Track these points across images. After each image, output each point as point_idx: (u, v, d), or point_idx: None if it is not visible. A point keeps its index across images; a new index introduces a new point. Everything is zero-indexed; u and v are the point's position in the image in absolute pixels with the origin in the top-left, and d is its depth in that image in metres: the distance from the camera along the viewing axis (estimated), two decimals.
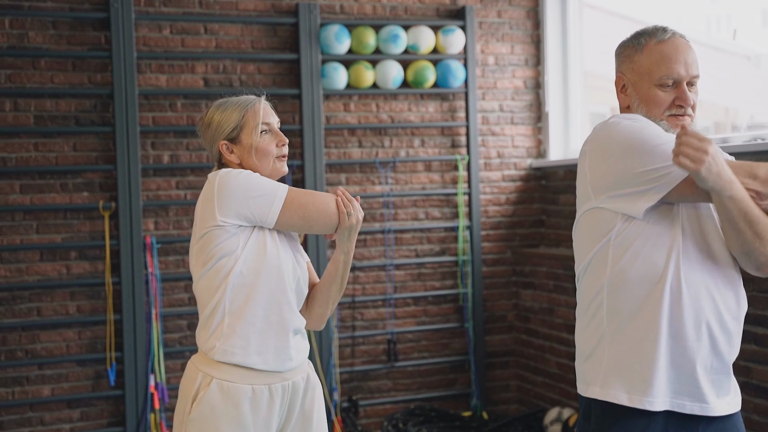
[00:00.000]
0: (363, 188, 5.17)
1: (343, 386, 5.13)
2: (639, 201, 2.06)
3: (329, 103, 5.09)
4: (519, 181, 5.47)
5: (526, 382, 5.42)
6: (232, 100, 2.60)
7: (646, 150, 2.06)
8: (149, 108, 4.77)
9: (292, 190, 2.48)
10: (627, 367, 2.10)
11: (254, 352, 2.45)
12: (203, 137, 2.62)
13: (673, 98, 2.20)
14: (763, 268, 2.12)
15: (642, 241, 2.08)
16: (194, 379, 2.47)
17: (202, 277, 2.48)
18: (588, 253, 2.17)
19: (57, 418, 4.63)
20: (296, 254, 2.58)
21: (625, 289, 2.10)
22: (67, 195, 4.64)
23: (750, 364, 3.73)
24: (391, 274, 5.22)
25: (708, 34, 6.44)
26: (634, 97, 2.25)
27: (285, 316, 2.50)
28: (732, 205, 2.01)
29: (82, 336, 4.68)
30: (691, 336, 2.08)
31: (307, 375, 2.62)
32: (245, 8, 4.93)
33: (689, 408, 2.10)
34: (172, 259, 4.79)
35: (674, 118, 2.21)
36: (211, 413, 2.42)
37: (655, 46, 2.23)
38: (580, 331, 2.24)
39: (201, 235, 2.46)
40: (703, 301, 2.09)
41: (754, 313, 3.70)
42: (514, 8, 5.44)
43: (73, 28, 4.64)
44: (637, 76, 2.24)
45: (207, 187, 2.48)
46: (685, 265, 2.08)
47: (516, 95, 5.46)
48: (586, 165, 2.17)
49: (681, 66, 2.20)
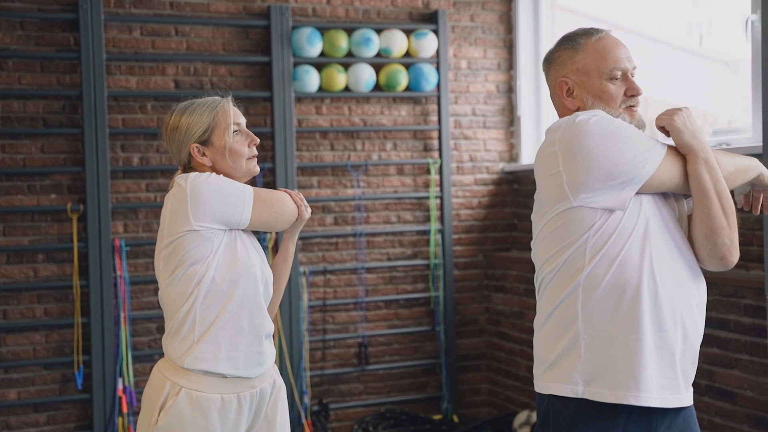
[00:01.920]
0: (335, 191, 5.16)
1: (314, 390, 5.12)
2: (622, 192, 2.08)
3: (301, 105, 5.09)
4: (491, 184, 5.48)
5: (496, 385, 5.43)
6: (198, 102, 2.57)
7: (622, 140, 2.09)
8: (119, 110, 4.75)
9: (256, 190, 2.50)
10: (610, 365, 2.08)
11: (225, 358, 2.44)
12: (169, 141, 2.58)
13: (624, 90, 2.25)
14: (726, 255, 2.14)
15: (616, 239, 2.09)
16: (161, 388, 2.44)
17: (171, 284, 2.45)
18: (558, 258, 2.15)
19: (23, 422, 4.60)
20: (262, 253, 2.60)
21: (602, 290, 2.09)
22: (34, 197, 4.62)
23: (712, 368, 3.75)
24: (362, 277, 5.22)
25: (689, 39, 6.49)
26: (585, 97, 2.26)
27: (256, 321, 2.50)
28: (706, 172, 2.11)
29: (49, 339, 4.65)
30: (670, 327, 2.10)
31: (273, 380, 2.61)
32: (216, 10, 4.92)
33: (673, 402, 2.10)
34: (141, 261, 4.77)
35: (629, 109, 2.26)
36: (179, 423, 2.40)
37: (595, 43, 2.26)
38: (546, 336, 2.20)
39: (171, 240, 2.43)
40: (675, 294, 2.11)
41: (716, 317, 3.72)
42: (486, 12, 5.46)
43: (41, 29, 4.62)
44: (584, 75, 2.26)
45: (177, 192, 2.44)
46: (657, 259, 2.10)
47: (488, 99, 5.48)
48: (560, 165, 2.14)
49: (625, 58, 2.26)
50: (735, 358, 3.66)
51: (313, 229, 5.11)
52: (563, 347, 2.13)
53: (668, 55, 6.04)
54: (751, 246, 3.67)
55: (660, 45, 6.00)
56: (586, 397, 2.09)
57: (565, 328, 2.13)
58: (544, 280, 2.21)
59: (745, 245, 3.68)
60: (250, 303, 2.48)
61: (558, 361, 2.14)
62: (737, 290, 3.64)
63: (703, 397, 3.81)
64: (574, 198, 2.11)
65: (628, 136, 2.11)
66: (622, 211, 2.10)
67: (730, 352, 3.68)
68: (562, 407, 2.13)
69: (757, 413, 3.55)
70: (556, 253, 2.15)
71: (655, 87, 6.90)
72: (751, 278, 3.58)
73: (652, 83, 6.77)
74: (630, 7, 5.79)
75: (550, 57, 2.35)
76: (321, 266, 5.12)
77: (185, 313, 2.43)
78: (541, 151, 2.23)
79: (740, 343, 3.63)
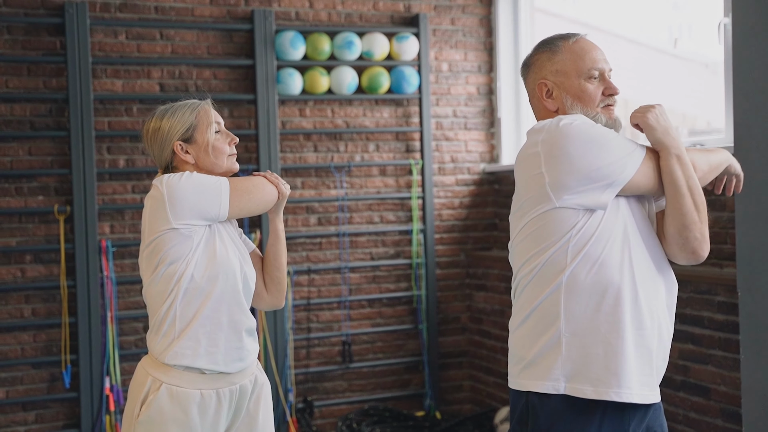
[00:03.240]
0: (318, 192, 5.24)
1: (299, 387, 5.19)
2: (603, 194, 2.15)
3: (285, 108, 5.16)
4: (472, 185, 5.57)
5: (478, 382, 5.53)
6: (178, 104, 2.67)
7: (603, 145, 2.15)
8: (105, 113, 4.81)
9: (232, 180, 2.59)
10: (592, 362, 2.13)
11: (204, 354, 2.52)
12: (150, 144, 2.65)
13: (602, 89, 2.32)
14: (697, 249, 2.21)
15: (597, 239, 2.15)
16: (144, 383, 2.53)
17: (153, 282, 2.54)
18: (538, 258, 2.20)
19: (12, 421, 4.65)
20: (242, 251, 2.67)
21: (584, 289, 2.15)
22: (22, 199, 4.67)
23: (688, 363, 3.86)
24: (346, 276, 5.30)
25: (670, 41, 6.57)
26: (565, 98, 2.32)
27: (235, 317, 2.58)
28: (678, 168, 2.18)
29: (37, 339, 4.70)
30: (648, 326, 2.16)
31: (255, 377, 2.69)
32: (201, 14, 4.98)
33: (650, 398, 2.17)
34: (127, 262, 4.83)
35: (607, 108, 2.33)
36: (159, 417, 2.49)
37: (573, 45, 2.34)
38: (524, 335, 2.23)
39: (151, 239, 2.52)
40: (651, 293, 2.18)
41: (691, 314, 3.82)
42: (467, 16, 5.55)
43: (28, 33, 4.67)
44: (563, 76, 2.32)
45: (154, 193, 2.53)
46: (635, 260, 2.17)
47: (469, 101, 5.57)
48: (542, 167, 2.18)
49: (602, 59, 2.33)
50: (709, 354, 3.76)
51: (297, 230, 5.19)
52: (543, 345, 2.17)
53: (649, 57, 6.14)
54: (725, 244, 3.77)
55: (640, 47, 6.09)
56: (567, 393, 2.14)
57: (545, 326, 2.18)
58: (523, 280, 2.25)
59: (719, 243, 3.79)
60: (229, 300, 2.56)
61: (537, 358, 2.18)
62: (711, 287, 3.74)
63: (679, 392, 3.91)
64: (556, 199, 2.16)
65: (609, 140, 2.17)
66: (603, 211, 2.16)
67: (705, 348, 3.78)
68: (540, 404, 2.17)
69: (730, 407, 3.66)
70: (537, 253, 2.20)
71: (635, 89, 7.01)
72: (724, 276, 3.67)
73: (633, 86, 6.87)
74: (609, 9, 5.89)
75: (528, 61, 2.41)
76: (305, 266, 5.20)
77: (166, 310, 2.52)
78: (523, 151, 2.27)
79: (714, 339, 3.73)
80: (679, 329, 3.90)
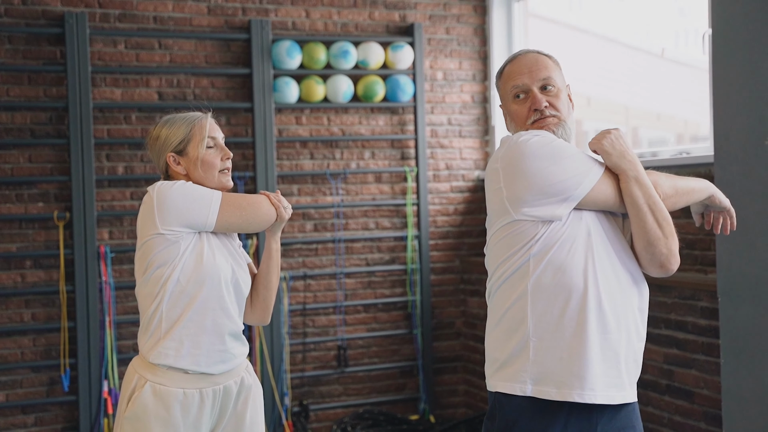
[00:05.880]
0: (314, 199, 5.32)
1: (295, 391, 5.27)
2: (559, 208, 2.22)
3: (281, 116, 5.25)
4: (466, 192, 5.64)
5: (472, 386, 5.59)
6: (179, 116, 2.77)
7: (559, 161, 2.22)
8: (104, 121, 4.90)
9: (226, 194, 2.67)
10: (557, 365, 2.20)
11: (186, 354, 2.61)
12: (151, 151, 2.77)
13: (528, 107, 2.38)
14: (665, 263, 2.28)
15: (559, 247, 2.22)
16: (131, 381, 2.64)
17: (143, 285, 2.65)
18: (506, 264, 2.28)
19: (11, 424, 4.74)
20: (236, 258, 2.75)
21: (548, 295, 2.22)
22: (22, 205, 4.76)
23: (672, 368, 3.92)
24: (341, 282, 5.38)
25: (676, 48, 6.60)
26: (508, 119, 2.45)
27: (219, 321, 2.66)
28: (637, 189, 2.24)
29: (36, 343, 4.79)
30: (614, 329, 2.23)
31: (242, 378, 2.76)
32: (199, 24, 5.07)
33: (618, 398, 2.23)
34: (126, 267, 4.92)
35: (536, 125, 2.37)
36: (143, 413, 2.58)
37: (507, 69, 2.44)
38: (497, 338, 2.32)
39: (141, 243, 2.63)
40: (618, 298, 2.25)
41: (675, 319, 3.89)
42: (461, 25, 5.63)
43: (28, 43, 4.77)
44: (503, 100, 2.46)
45: (146, 199, 2.64)
46: (599, 266, 2.23)
47: (464, 109, 5.64)
48: (501, 181, 2.28)
49: (525, 75, 2.38)
50: (693, 359, 3.82)
51: (294, 236, 5.27)
52: (513, 348, 2.25)
53: (647, 62, 6.16)
54: (708, 251, 3.83)
55: (638, 52, 6.12)
56: (533, 395, 2.22)
57: (514, 330, 2.26)
58: (495, 284, 2.33)
59: (703, 249, 3.85)
60: (214, 304, 2.65)
61: (508, 361, 2.26)
62: (695, 293, 3.80)
63: (664, 396, 3.98)
64: (515, 212, 2.25)
65: (566, 157, 2.24)
66: (561, 222, 2.23)
67: (688, 352, 3.85)
68: (507, 402, 2.25)
69: (712, 411, 3.72)
70: (504, 261, 2.29)
71: (637, 96, 7.04)
72: (708, 282, 3.73)
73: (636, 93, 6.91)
74: (608, 15, 5.93)
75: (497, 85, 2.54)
76: (301, 271, 5.28)
77: (153, 310, 2.62)
78: (489, 165, 2.37)
79: (697, 343, 3.80)
80: (663, 334, 3.97)
